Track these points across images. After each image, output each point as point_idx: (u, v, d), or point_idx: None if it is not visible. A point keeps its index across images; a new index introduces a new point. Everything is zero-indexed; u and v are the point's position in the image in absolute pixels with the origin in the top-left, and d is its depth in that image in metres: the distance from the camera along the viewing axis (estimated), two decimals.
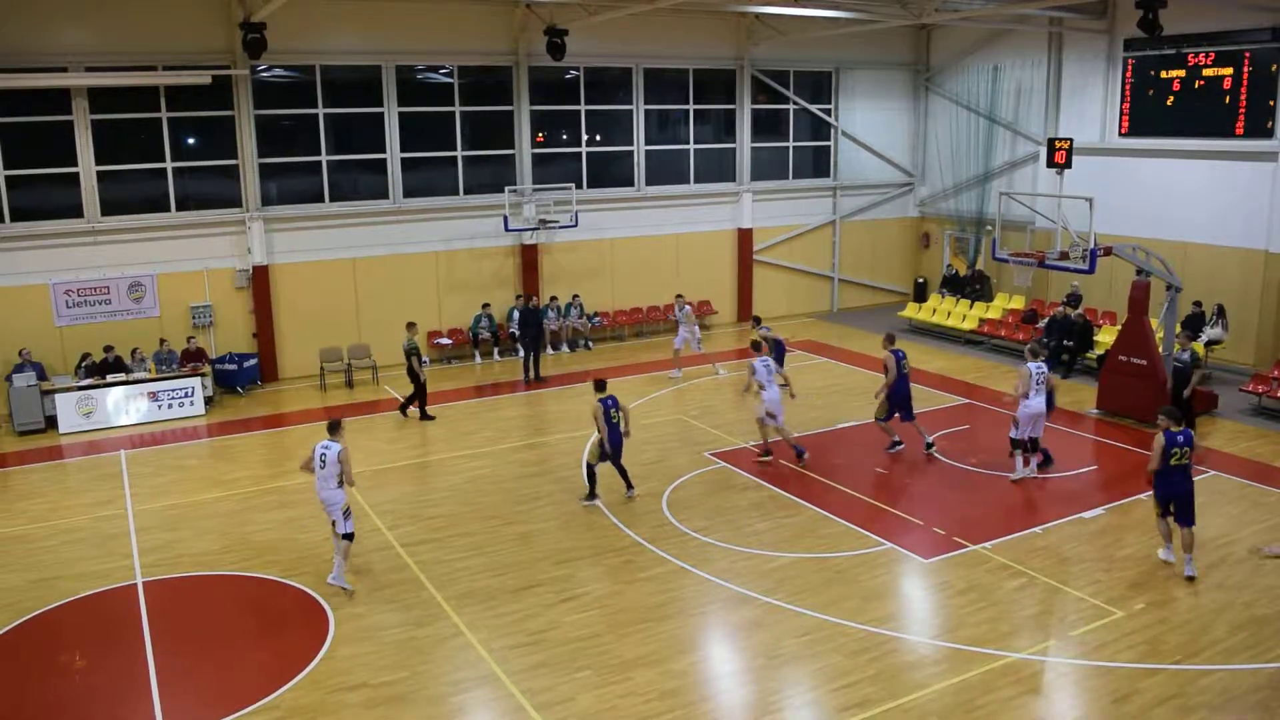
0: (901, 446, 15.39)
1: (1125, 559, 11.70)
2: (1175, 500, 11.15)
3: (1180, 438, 10.97)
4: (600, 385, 13.83)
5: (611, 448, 13.48)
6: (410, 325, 18.06)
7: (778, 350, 18.01)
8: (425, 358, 18.75)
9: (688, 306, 20.73)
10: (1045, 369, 14.13)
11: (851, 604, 10.69)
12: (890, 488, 14.19)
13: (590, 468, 13.69)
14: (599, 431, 13.47)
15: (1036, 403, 13.88)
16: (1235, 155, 20.02)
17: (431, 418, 17.96)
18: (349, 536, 11.24)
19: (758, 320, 19.33)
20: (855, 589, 11.07)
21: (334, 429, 11.29)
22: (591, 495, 13.68)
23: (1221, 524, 12.70)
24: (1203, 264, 20.28)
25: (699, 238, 25.21)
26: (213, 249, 19.97)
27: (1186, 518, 11.07)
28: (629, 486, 13.77)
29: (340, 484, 11.04)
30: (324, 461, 11.00)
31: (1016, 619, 10.37)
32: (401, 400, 18.26)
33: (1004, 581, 11.19)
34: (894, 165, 27.76)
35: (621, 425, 13.55)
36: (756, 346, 15.46)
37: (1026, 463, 14.22)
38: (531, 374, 20.52)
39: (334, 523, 11.21)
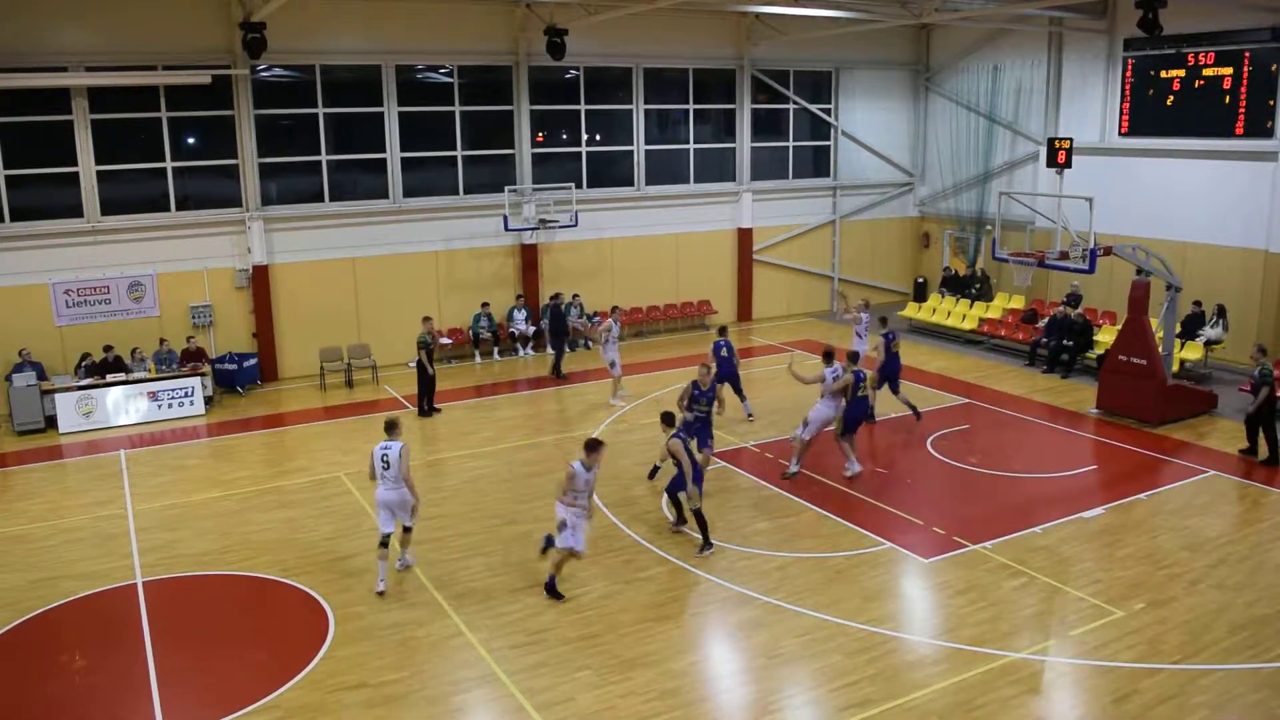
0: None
1: (1125, 559, 11.70)
2: (860, 420, 14.70)
3: (862, 374, 14.47)
4: (670, 420, 12.30)
5: (697, 481, 12.06)
6: (426, 319, 18.35)
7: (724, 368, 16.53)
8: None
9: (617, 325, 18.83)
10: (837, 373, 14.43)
11: (851, 604, 10.69)
12: (890, 488, 14.18)
13: (698, 513, 12.06)
14: (683, 468, 11.87)
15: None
16: (1235, 155, 20.01)
17: (438, 410, 18.19)
18: (408, 530, 11.39)
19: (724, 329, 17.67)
20: (855, 589, 11.07)
21: (391, 428, 11.12)
22: (706, 544, 12.03)
23: (1222, 524, 12.72)
24: (1203, 264, 20.27)
25: (699, 237, 25.21)
26: (212, 249, 19.97)
27: (854, 431, 14.48)
28: (682, 520, 12.65)
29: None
30: (387, 462, 10.89)
31: (1016, 619, 10.37)
32: (418, 401, 18.29)
33: (1004, 581, 11.19)
34: (894, 165, 27.76)
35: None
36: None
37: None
38: (556, 371, 20.66)
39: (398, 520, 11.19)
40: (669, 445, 11.94)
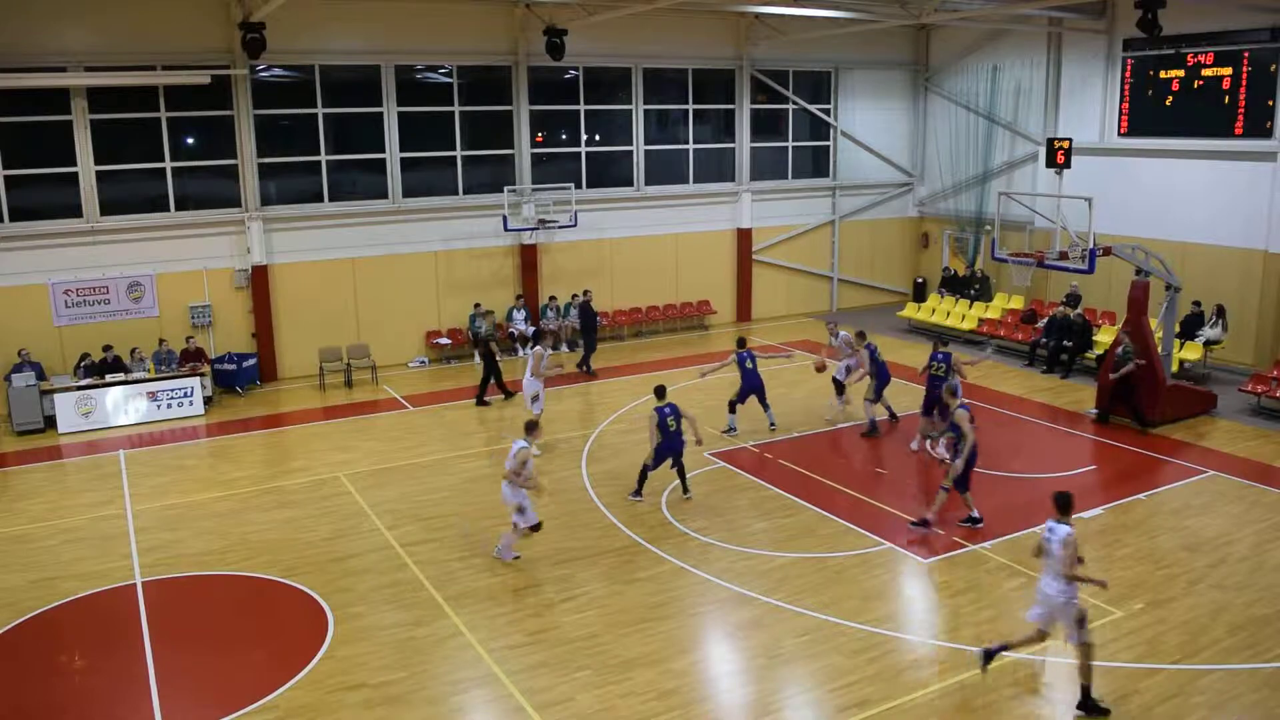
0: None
1: (1124, 559, 11.71)
2: (935, 401, 14.71)
3: (940, 355, 15.18)
4: (660, 393, 13.68)
5: (657, 456, 13.44)
6: (488, 313, 19.57)
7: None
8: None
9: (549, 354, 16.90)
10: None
11: (851, 604, 10.69)
12: (890, 488, 14.19)
13: (644, 468, 13.66)
14: (650, 439, 13.41)
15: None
16: (1234, 155, 20.02)
17: (511, 394, 18.91)
18: (535, 528, 11.73)
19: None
20: (855, 589, 11.07)
21: (529, 429, 12.28)
22: (637, 493, 13.70)
23: (1221, 524, 12.72)
24: (1202, 264, 20.28)
25: (698, 238, 25.21)
26: (212, 249, 19.96)
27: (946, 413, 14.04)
28: (685, 490, 13.78)
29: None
30: (507, 455, 11.77)
31: (1016, 619, 10.35)
32: (477, 391, 18.96)
33: (1004, 581, 11.19)
34: (893, 165, 27.76)
35: (687, 433, 13.46)
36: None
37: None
38: (585, 366, 20.89)
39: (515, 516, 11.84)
40: (648, 416, 13.41)
